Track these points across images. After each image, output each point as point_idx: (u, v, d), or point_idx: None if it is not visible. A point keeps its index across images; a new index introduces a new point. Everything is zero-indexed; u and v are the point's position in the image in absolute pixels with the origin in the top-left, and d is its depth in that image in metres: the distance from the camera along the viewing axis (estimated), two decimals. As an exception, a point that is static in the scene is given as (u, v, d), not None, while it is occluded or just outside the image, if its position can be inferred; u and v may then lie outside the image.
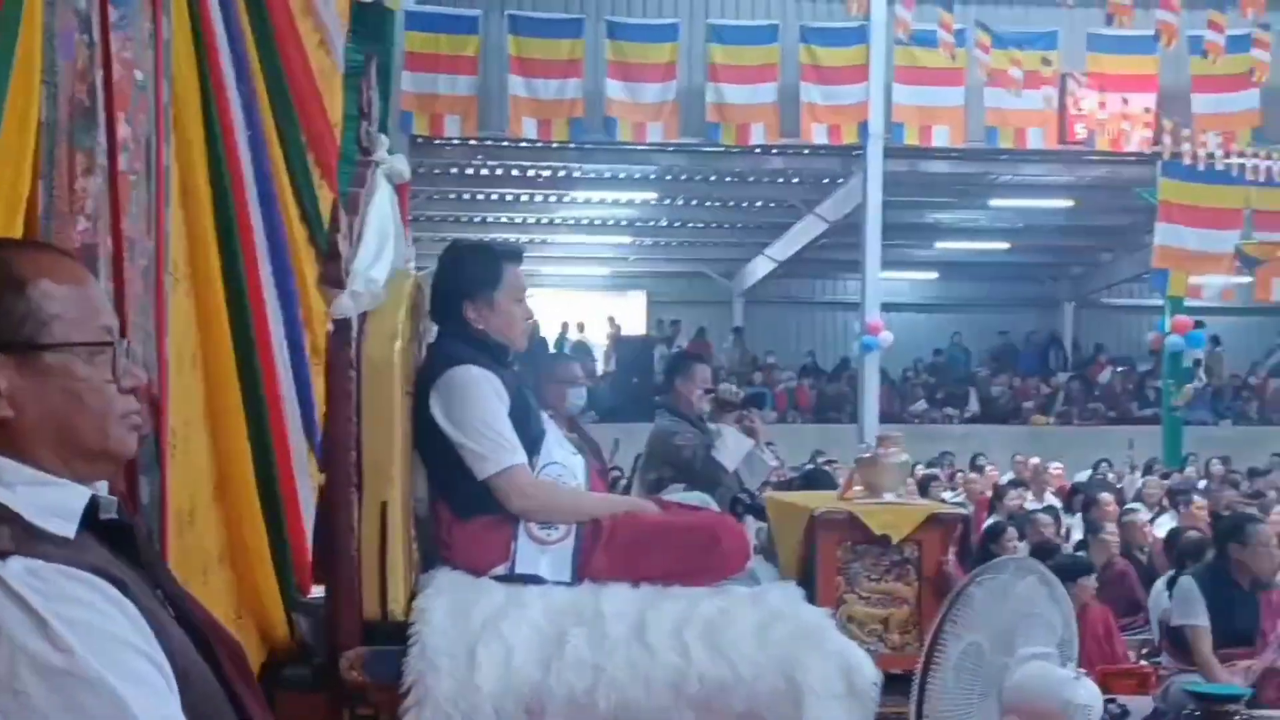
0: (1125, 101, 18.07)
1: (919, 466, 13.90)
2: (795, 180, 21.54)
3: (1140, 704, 6.91)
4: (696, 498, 4.62)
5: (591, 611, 3.44)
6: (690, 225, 25.13)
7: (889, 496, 4.27)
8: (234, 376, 3.29)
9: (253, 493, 3.40)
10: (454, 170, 20.50)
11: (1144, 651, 8.13)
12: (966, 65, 18.09)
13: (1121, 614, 8.64)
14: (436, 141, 18.46)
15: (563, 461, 3.84)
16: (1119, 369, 25.62)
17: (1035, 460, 15.75)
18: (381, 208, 3.77)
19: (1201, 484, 14.34)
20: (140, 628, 1.60)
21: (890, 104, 18.63)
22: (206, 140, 3.15)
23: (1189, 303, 20.01)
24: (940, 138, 18.87)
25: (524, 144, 18.86)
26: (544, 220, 24.77)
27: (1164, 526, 10.99)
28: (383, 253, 3.64)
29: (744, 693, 3.37)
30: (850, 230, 20.33)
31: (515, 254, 4.02)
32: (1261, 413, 23.80)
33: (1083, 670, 3.39)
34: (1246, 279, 19.52)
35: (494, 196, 22.70)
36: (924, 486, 11.41)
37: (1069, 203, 22.37)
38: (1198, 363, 22.81)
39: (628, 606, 3.48)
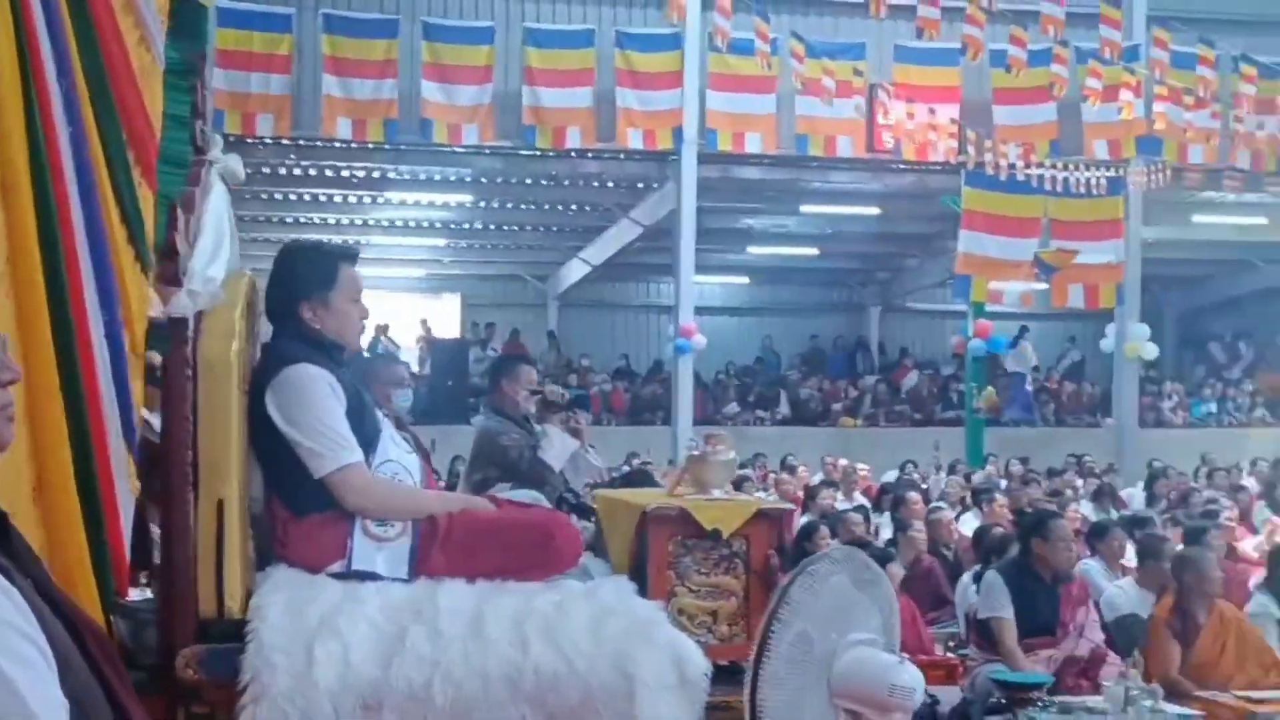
0: (932, 112, 18.51)
1: (731, 467, 14.04)
2: (610, 184, 21.65)
3: (949, 694, 7.10)
4: (528, 495, 4.66)
5: (428, 607, 3.47)
6: (505, 228, 25.05)
7: (717, 493, 4.36)
8: (54, 376, 3.22)
9: (73, 494, 3.33)
10: (266, 170, 20.08)
11: (951, 644, 8.36)
12: (780, 74, 18.37)
13: (930, 608, 8.89)
14: (249, 141, 18.05)
15: (399, 460, 3.85)
16: (924, 372, 26.28)
17: (844, 461, 16.11)
18: (217, 207, 3.73)
19: (1003, 483, 14.78)
20: (25, 613, 1.63)
21: (704, 110, 18.90)
22: (28, 136, 3.08)
23: (991, 308, 20.68)
24: (753, 144, 19.23)
25: (338, 144, 18.66)
26: (358, 221, 24.45)
27: (968, 524, 11.33)
28: (219, 252, 3.61)
29: (579, 685, 3.42)
30: (664, 234, 20.53)
31: (351, 254, 4.03)
32: (1057, 415, 24.61)
33: (905, 655, 3.51)
34: (1044, 285, 20.23)
35: (307, 197, 22.34)
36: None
37: (876, 210, 22.78)
38: (1036, 369, 23.72)
39: (464, 602, 3.51)
